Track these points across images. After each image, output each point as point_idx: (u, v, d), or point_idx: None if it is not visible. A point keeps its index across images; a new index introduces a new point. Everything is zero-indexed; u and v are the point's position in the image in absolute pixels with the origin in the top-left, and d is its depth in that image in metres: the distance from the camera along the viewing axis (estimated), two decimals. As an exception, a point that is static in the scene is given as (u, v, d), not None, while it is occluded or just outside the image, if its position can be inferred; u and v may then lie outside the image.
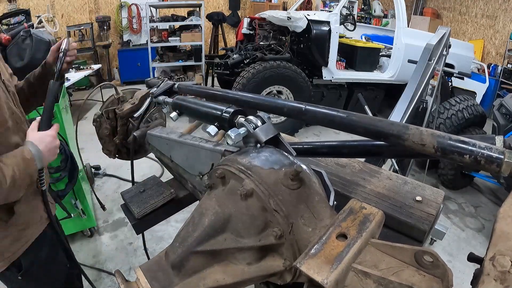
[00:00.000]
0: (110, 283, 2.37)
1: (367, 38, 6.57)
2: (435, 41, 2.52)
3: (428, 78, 2.46)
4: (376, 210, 0.55)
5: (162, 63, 6.56)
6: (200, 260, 0.59)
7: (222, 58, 5.47)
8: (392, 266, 0.49)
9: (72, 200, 2.54)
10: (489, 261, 0.40)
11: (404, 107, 2.24)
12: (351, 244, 0.49)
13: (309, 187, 0.59)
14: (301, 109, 0.75)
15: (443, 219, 3.36)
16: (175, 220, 2.89)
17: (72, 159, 2.48)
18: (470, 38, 8.84)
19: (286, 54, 4.96)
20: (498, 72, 7.60)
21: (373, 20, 9.68)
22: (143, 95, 1.33)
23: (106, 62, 7.69)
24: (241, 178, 0.59)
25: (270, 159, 0.63)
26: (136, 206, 1.13)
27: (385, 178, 0.99)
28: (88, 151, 3.21)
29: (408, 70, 3.35)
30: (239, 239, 0.58)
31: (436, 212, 0.84)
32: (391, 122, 0.65)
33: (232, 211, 0.58)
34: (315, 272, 0.45)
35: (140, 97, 1.33)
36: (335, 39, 5.03)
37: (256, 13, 6.24)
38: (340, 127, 0.71)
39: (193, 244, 0.58)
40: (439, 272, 0.46)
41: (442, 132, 0.60)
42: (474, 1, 8.88)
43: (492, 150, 0.54)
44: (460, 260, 2.79)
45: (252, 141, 0.76)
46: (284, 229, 0.55)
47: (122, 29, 7.91)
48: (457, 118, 3.71)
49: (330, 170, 1.02)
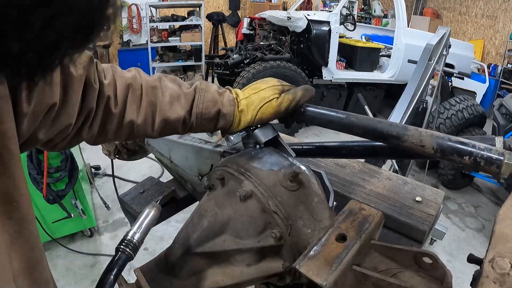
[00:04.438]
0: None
1: (367, 38, 6.57)
2: (435, 41, 2.52)
3: (428, 78, 2.46)
4: (375, 211, 0.55)
5: (162, 63, 6.56)
6: (200, 262, 0.59)
7: (222, 58, 5.47)
8: (391, 268, 0.49)
9: (72, 200, 2.54)
10: (489, 263, 0.40)
11: (404, 107, 2.25)
12: (350, 246, 0.49)
13: (308, 188, 0.59)
14: (300, 110, 0.75)
15: (443, 219, 3.36)
16: (175, 220, 2.89)
17: (72, 159, 2.48)
18: (470, 38, 8.83)
19: (286, 54, 4.96)
20: (498, 72, 7.60)
21: (373, 20, 9.68)
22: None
23: (106, 62, 7.67)
24: (240, 180, 0.59)
25: (269, 160, 0.63)
26: (140, 207, 1.13)
27: (384, 179, 0.99)
28: (88, 151, 3.21)
29: (408, 70, 3.35)
30: (238, 240, 0.58)
31: (436, 212, 0.84)
32: (390, 123, 0.65)
33: (231, 212, 0.58)
34: (314, 273, 0.45)
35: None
36: (335, 39, 5.03)
37: (256, 13, 6.24)
38: (340, 128, 0.71)
39: (192, 245, 0.58)
40: (438, 274, 0.46)
41: (442, 133, 0.59)
42: (474, 1, 8.88)
43: (491, 152, 0.54)
44: (460, 260, 2.79)
45: (251, 142, 0.76)
46: (283, 231, 0.55)
47: (122, 29, 7.91)
48: (457, 118, 3.71)
49: (330, 171, 1.02)
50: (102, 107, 0.60)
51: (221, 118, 0.70)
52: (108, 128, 0.63)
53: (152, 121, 0.66)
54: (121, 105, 0.62)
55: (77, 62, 0.53)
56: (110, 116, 0.62)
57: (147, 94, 0.65)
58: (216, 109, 0.69)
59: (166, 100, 0.66)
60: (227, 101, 0.70)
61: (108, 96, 0.60)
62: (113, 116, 0.62)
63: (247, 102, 0.71)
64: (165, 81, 0.69)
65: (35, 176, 2.29)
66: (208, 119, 0.70)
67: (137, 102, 0.64)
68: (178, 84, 0.70)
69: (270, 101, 0.70)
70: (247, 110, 0.71)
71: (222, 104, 0.70)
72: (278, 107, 0.70)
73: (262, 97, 0.71)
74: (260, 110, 0.70)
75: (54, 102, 0.49)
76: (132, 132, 0.66)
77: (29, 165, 2.28)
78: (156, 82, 0.68)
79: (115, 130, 0.64)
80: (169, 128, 0.69)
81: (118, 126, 0.64)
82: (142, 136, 0.69)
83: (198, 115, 0.69)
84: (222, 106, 0.70)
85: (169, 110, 0.66)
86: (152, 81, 0.68)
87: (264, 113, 0.70)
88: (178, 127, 0.69)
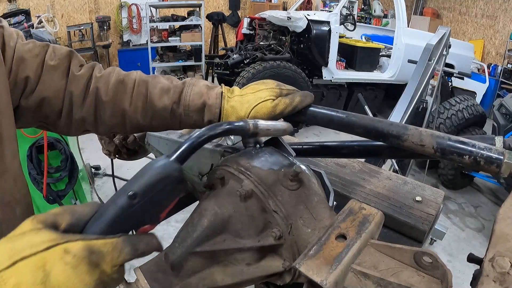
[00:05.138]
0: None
1: (367, 38, 6.58)
2: (435, 41, 2.52)
3: (428, 78, 2.46)
4: (375, 211, 0.55)
5: (162, 63, 6.57)
6: (200, 261, 0.59)
7: (222, 58, 5.47)
8: (391, 267, 0.49)
9: (72, 200, 2.54)
10: (489, 262, 0.40)
11: (404, 107, 2.25)
12: (350, 245, 0.49)
13: (309, 187, 0.59)
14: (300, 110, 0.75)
15: (443, 219, 3.37)
16: (175, 220, 2.89)
17: (72, 159, 2.48)
18: (470, 38, 8.84)
19: (286, 54, 4.97)
20: (498, 72, 7.61)
21: (373, 20, 9.69)
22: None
23: (106, 62, 7.69)
24: (240, 179, 0.59)
25: (269, 159, 0.63)
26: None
27: (384, 178, 0.99)
28: (88, 151, 3.22)
29: (408, 70, 3.35)
30: (238, 239, 0.58)
31: (436, 212, 0.84)
32: (390, 123, 0.65)
33: (231, 212, 0.58)
34: (314, 273, 0.45)
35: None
36: (335, 39, 5.04)
37: (256, 13, 6.24)
38: (340, 128, 0.71)
39: (192, 245, 0.58)
40: (438, 273, 0.46)
41: (442, 133, 0.60)
42: (474, 1, 8.88)
43: (491, 151, 0.54)
44: (460, 260, 2.79)
45: (251, 141, 0.76)
46: (283, 230, 0.55)
47: (122, 29, 7.91)
48: (457, 118, 3.72)
49: (330, 170, 1.02)
50: (93, 96, 0.71)
51: (207, 109, 0.73)
52: (103, 115, 0.72)
53: (142, 110, 0.73)
54: (112, 94, 0.71)
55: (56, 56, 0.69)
56: (102, 103, 0.71)
57: (139, 86, 0.73)
58: (202, 101, 0.73)
59: (156, 91, 0.73)
60: (214, 94, 0.73)
61: (97, 87, 0.71)
62: (105, 104, 0.71)
63: (241, 99, 0.73)
64: (159, 77, 0.76)
65: (35, 176, 2.30)
66: (195, 110, 0.73)
67: (129, 93, 0.72)
68: (170, 80, 0.76)
69: (265, 101, 0.71)
70: (240, 107, 0.72)
71: (209, 97, 0.73)
72: (272, 109, 0.71)
73: (258, 97, 0.72)
74: (255, 109, 0.71)
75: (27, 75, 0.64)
76: (124, 121, 0.74)
77: (29, 165, 2.29)
78: (150, 77, 0.75)
79: (109, 118, 0.73)
80: (158, 118, 0.74)
81: (112, 114, 0.72)
82: (135, 126, 0.75)
83: (186, 107, 0.73)
84: (208, 98, 0.73)
85: (158, 100, 0.73)
86: (146, 77, 0.75)
87: (258, 112, 0.71)
88: (167, 117, 0.74)
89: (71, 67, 0.70)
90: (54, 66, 0.68)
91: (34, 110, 0.68)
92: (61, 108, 0.70)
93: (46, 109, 0.69)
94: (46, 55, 0.69)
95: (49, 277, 0.34)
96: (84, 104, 0.71)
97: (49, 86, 0.68)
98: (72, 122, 0.73)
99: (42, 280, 0.34)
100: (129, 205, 0.42)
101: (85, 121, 0.73)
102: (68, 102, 0.70)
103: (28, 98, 0.66)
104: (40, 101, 0.67)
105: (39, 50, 0.68)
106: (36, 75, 0.67)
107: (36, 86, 0.67)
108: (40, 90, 0.67)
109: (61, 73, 0.69)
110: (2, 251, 0.35)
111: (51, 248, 0.36)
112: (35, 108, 0.68)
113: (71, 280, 0.35)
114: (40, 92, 0.67)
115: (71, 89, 0.69)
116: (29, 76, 0.66)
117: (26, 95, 0.66)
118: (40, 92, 0.67)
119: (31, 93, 0.66)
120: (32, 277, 0.34)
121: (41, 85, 0.67)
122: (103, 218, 0.41)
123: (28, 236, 0.37)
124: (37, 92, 0.67)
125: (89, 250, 0.37)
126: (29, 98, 0.67)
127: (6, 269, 0.34)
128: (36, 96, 0.67)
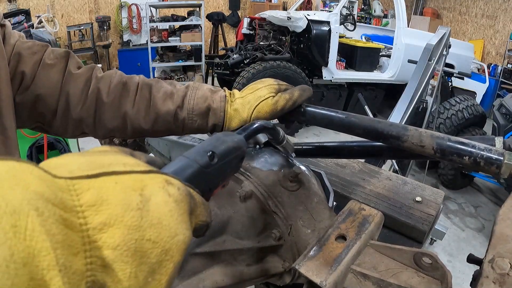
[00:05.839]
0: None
1: (367, 38, 6.58)
2: (435, 41, 2.52)
3: (428, 78, 2.46)
4: (375, 212, 0.55)
5: (162, 63, 6.57)
6: (200, 262, 0.59)
7: (222, 58, 5.47)
8: (391, 268, 0.49)
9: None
10: (488, 263, 0.40)
11: (404, 107, 2.25)
12: (350, 246, 0.49)
13: (308, 188, 0.59)
14: (300, 110, 0.75)
15: (443, 219, 3.37)
16: (175, 220, 2.89)
17: (72, 159, 2.47)
18: (470, 38, 8.84)
19: (286, 54, 4.97)
20: (498, 72, 7.61)
21: (373, 20, 9.69)
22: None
23: (106, 62, 7.69)
24: (240, 180, 0.59)
25: (269, 160, 0.63)
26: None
27: (384, 179, 0.99)
28: (88, 151, 3.21)
29: (408, 70, 3.36)
30: (238, 240, 0.58)
31: (436, 212, 0.84)
32: (390, 123, 0.65)
33: (231, 212, 0.58)
34: (313, 273, 0.45)
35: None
36: (335, 39, 5.04)
37: (256, 13, 6.25)
38: (340, 128, 0.71)
39: (192, 245, 0.58)
40: (438, 274, 0.46)
41: (441, 133, 0.60)
42: (474, 1, 8.89)
43: (491, 152, 0.54)
44: (460, 260, 2.79)
45: (251, 142, 0.76)
46: (283, 231, 0.55)
47: (122, 29, 7.91)
48: (457, 118, 3.72)
49: (330, 171, 1.02)
50: (93, 96, 0.69)
51: (211, 113, 0.72)
52: (103, 117, 0.70)
53: (144, 114, 0.71)
54: (113, 96, 0.70)
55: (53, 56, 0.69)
56: (103, 105, 0.69)
57: (142, 90, 0.72)
58: (206, 104, 0.71)
59: (160, 95, 0.72)
60: (218, 97, 0.72)
61: (98, 88, 0.69)
62: (106, 105, 0.70)
63: (242, 101, 0.72)
64: (162, 82, 0.75)
65: (35, 176, 2.29)
66: (199, 114, 0.72)
67: (132, 95, 0.71)
68: (173, 85, 0.75)
69: (266, 99, 0.70)
70: (242, 109, 0.71)
71: (213, 100, 0.72)
72: (274, 106, 0.70)
73: (258, 96, 0.71)
74: (256, 108, 0.70)
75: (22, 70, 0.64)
76: (125, 124, 0.72)
77: (29, 165, 2.28)
78: (153, 81, 0.74)
79: (109, 121, 0.71)
80: (161, 122, 0.72)
81: (113, 116, 0.71)
82: (137, 130, 0.73)
83: (190, 111, 0.72)
84: (212, 102, 0.72)
85: (161, 104, 0.71)
86: (149, 80, 0.74)
87: (261, 111, 0.70)
88: (171, 121, 0.72)
89: (68, 66, 0.70)
90: (50, 65, 0.67)
91: (30, 107, 0.67)
92: (56, 106, 0.69)
93: (41, 107, 0.68)
94: (44, 54, 0.68)
95: (148, 204, 0.26)
96: (82, 104, 0.70)
97: (44, 83, 0.67)
98: (69, 123, 0.71)
99: (139, 206, 0.25)
100: (207, 165, 0.38)
101: (84, 122, 0.71)
102: (64, 101, 0.69)
103: (23, 94, 0.66)
104: (35, 97, 0.66)
105: (37, 49, 0.68)
106: (33, 71, 0.66)
107: (32, 82, 0.66)
108: (35, 87, 0.66)
109: (57, 71, 0.68)
110: (77, 160, 0.26)
111: (151, 173, 0.28)
112: (31, 106, 0.67)
113: (174, 216, 0.27)
114: (35, 88, 0.66)
115: (67, 88, 0.69)
116: (25, 71, 0.65)
117: (22, 91, 0.66)
118: (35, 88, 0.66)
119: (26, 89, 0.66)
120: (125, 198, 0.25)
121: (36, 81, 0.66)
122: (181, 171, 0.35)
123: (115, 155, 0.29)
124: (32, 89, 0.66)
125: (188, 192, 0.31)
126: (24, 94, 0.66)
127: (83, 178, 0.24)
128: (31, 93, 0.66)
